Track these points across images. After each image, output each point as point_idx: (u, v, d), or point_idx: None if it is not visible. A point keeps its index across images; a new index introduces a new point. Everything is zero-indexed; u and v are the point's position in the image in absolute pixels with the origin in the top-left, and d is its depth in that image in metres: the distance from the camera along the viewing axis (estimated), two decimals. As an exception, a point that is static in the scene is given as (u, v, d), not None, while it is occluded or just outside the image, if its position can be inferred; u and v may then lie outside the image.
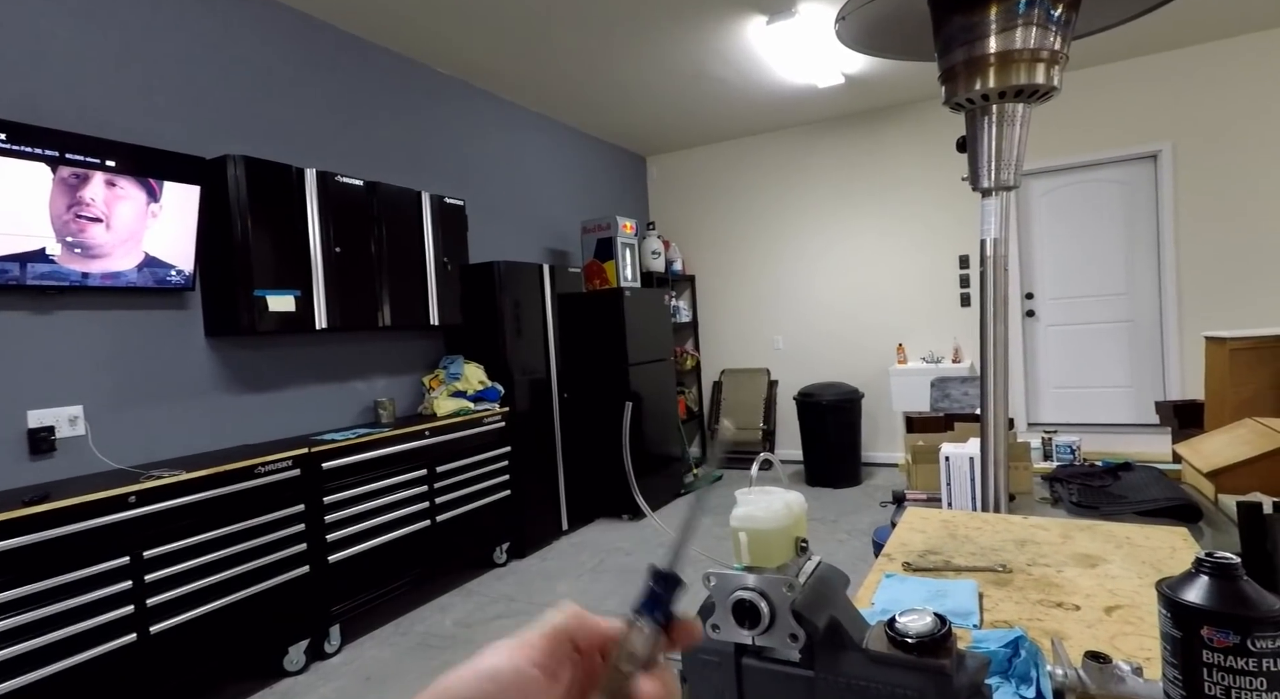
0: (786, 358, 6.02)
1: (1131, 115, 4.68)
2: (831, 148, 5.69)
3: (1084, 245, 4.96)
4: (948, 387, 4.37)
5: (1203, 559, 0.52)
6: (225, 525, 2.44)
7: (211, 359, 2.91)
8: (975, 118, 1.46)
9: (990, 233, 1.47)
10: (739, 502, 0.57)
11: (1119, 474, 2.15)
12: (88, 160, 2.33)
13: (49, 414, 2.40)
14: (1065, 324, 5.05)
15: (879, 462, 5.65)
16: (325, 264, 3.07)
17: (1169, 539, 1.12)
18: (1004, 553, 1.10)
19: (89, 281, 2.39)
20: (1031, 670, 0.68)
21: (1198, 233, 4.56)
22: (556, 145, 5.30)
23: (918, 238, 5.40)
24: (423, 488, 3.29)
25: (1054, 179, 4.99)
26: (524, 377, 4.07)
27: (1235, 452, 1.92)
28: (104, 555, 2.11)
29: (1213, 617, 0.50)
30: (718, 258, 6.27)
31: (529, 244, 4.96)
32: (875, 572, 1.06)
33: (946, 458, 1.95)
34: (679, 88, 4.74)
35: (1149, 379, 4.83)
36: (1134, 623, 0.84)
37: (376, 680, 2.61)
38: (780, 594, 0.53)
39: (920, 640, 0.51)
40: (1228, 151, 4.45)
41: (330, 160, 3.45)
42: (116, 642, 2.12)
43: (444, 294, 3.72)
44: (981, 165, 1.47)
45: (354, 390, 3.55)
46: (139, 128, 2.68)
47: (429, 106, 4.12)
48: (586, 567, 3.73)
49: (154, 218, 2.56)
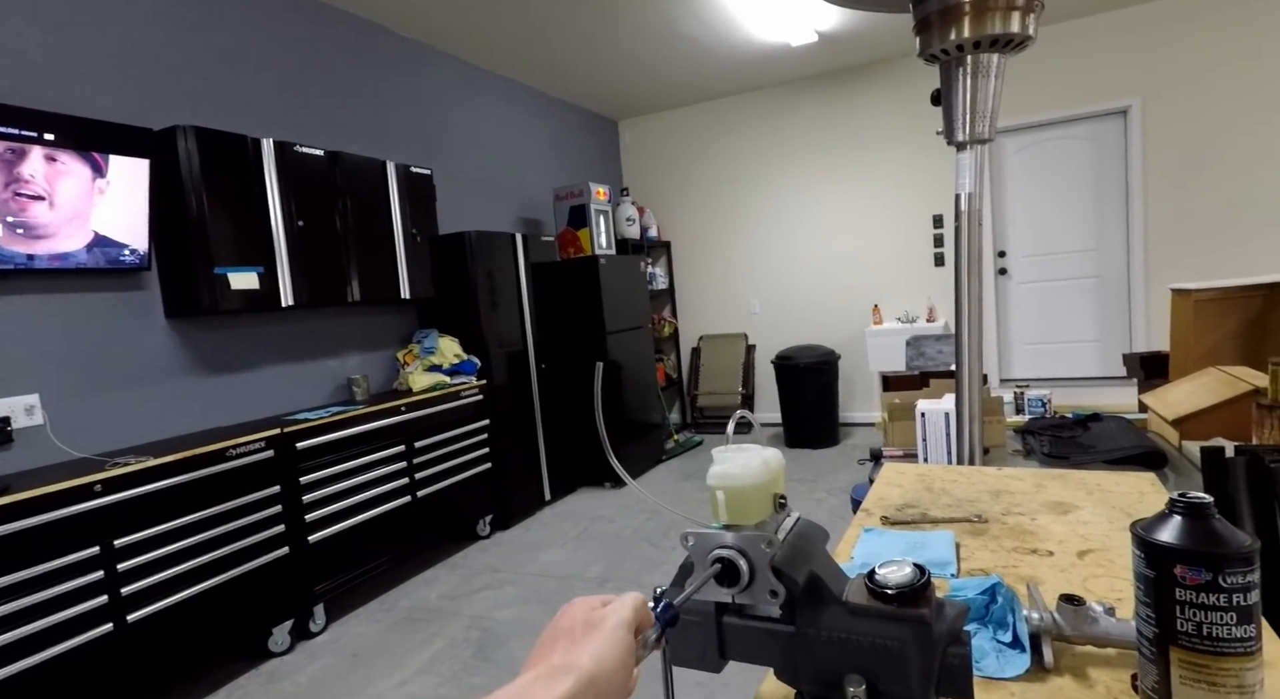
0: (764, 322, 6.04)
1: (1102, 70, 4.69)
2: (805, 109, 5.63)
3: (1055, 203, 5.00)
4: (923, 345, 4.42)
5: (1176, 500, 0.52)
6: (198, 510, 2.39)
7: (174, 341, 2.83)
8: (950, 70, 1.44)
9: (965, 187, 1.46)
10: (715, 460, 0.56)
11: (1088, 425, 2.20)
12: (23, 134, 2.21)
13: (3, 404, 2.31)
14: (1036, 281, 5.12)
15: (856, 421, 5.73)
16: (288, 238, 2.98)
17: (1138, 485, 1.14)
18: (979, 504, 1.11)
19: (35, 264, 2.29)
20: (1008, 616, 0.69)
21: (1166, 188, 4.62)
22: (525, 110, 5.18)
23: (892, 198, 5.40)
24: (401, 464, 3.26)
25: (1026, 136, 5.00)
26: (500, 348, 4.03)
27: (1199, 400, 1.97)
28: (72, 546, 2.06)
29: (1185, 555, 0.50)
30: (693, 223, 6.23)
31: (500, 213, 4.87)
32: (854, 527, 1.06)
33: (922, 414, 1.97)
34: (650, 47, 4.64)
35: (1116, 333, 4.93)
36: (1105, 566, 0.85)
37: (364, 657, 2.62)
38: (759, 551, 0.53)
39: (900, 591, 0.51)
40: (1197, 105, 4.49)
41: (287, 130, 3.33)
42: (93, 632, 2.09)
43: (414, 267, 3.64)
44: (956, 118, 1.45)
45: (326, 368, 3.49)
46: (77, 98, 2.55)
47: (389, 72, 3.99)
48: (570, 535, 3.75)
49: (101, 194, 2.45)
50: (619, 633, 0.47)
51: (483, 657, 2.52)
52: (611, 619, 0.48)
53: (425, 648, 2.64)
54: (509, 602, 2.97)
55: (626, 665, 0.46)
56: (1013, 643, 0.67)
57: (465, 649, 2.59)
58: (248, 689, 2.46)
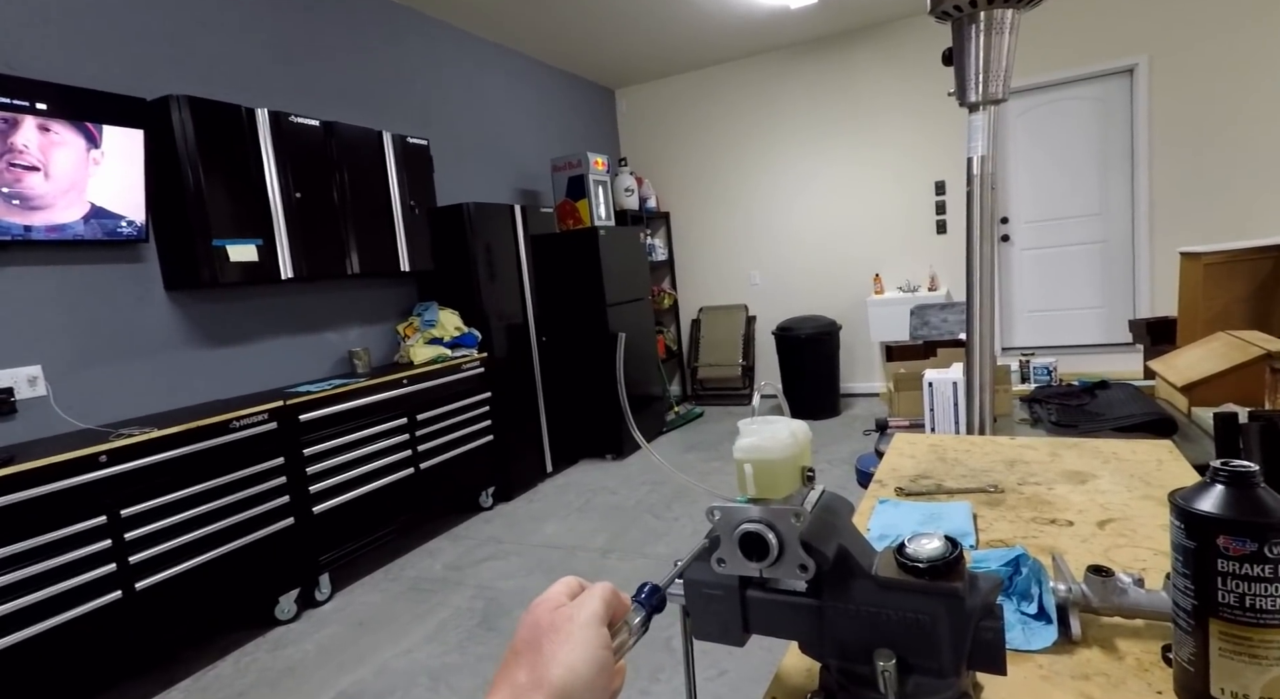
0: (764, 293, 6.00)
1: (1107, 28, 4.58)
2: (805, 74, 5.52)
3: (1059, 167, 4.93)
4: (926, 314, 4.40)
5: (1219, 468, 0.51)
6: (203, 481, 2.40)
7: (174, 313, 2.80)
8: (962, 27, 1.39)
9: (978, 150, 1.42)
10: (742, 432, 0.54)
11: (1095, 393, 2.19)
12: (15, 103, 2.16)
13: (5, 375, 2.30)
14: (1039, 247, 5.08)
15: (857, 392, 5.73)
16: (286, 210, 2.94)
17: (1155, 452, 1.13)
18: (994, 474, 1.10)
19: (32, 235, 2.26)
20: (1033, 587, 0.68)
21: (1172, 149, 4.55)
22: (522, 79, 5.07)
23: (893, 165, 5.32)
24: (404, 436, 3.26)
25: (1030, 99, 4.91)
26: (500, 321, 4.00)
27: (1209, 365, 1.95)
28: (78, 516, 2.07)
29: (1229, 525, 0.49)
30: (692, 194, 6.15)
31: (498, 184, 4.81)
32: (869, 498, 1.05)
33: (930, 384, 1.95)
34: (647, 11, 4.53)
35: (1121, 299, 4.90)
36: (1127, 535, 0.84)
37: (369, 625, 2.64)
38: (788, 525, 0.51)
39: (932, 564, 0.50)
40: (1205, 63, 4.39)
41: (281, 99, 3.26)
42: (102, 600, 2.11)
43: (413, 239, 3.60)
44: (969, 78, 1.41)
45: (327, 341, 3.47)
46: (68, 66, 2.49)
47: (383, 39, 3.89)
48: (573, 506, 3.77)
49: (96, 165, 2.40)
50: (589, 631, 0.42)
51: (487, 626, 2.55)
52: (579, 617, 0.43)
53: (430, 617, 2.66)
54: (513, 572, 3.00)
55: (604, 665, 0.42)
56: (1038, 615, 0.66)
57: (470, 618, 2.62)
58: (255, 656, 2.49)
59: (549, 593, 0.46)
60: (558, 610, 0.44)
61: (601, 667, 0.41)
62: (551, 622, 0.43)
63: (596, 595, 0.45)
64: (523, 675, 0.40)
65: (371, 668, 2.34)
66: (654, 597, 0.48)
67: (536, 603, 0.45)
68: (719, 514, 0.54)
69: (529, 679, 0.40)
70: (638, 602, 0.48)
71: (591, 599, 0.44)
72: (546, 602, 0.45)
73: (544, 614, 0.44)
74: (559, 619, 0.43)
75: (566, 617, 0.43)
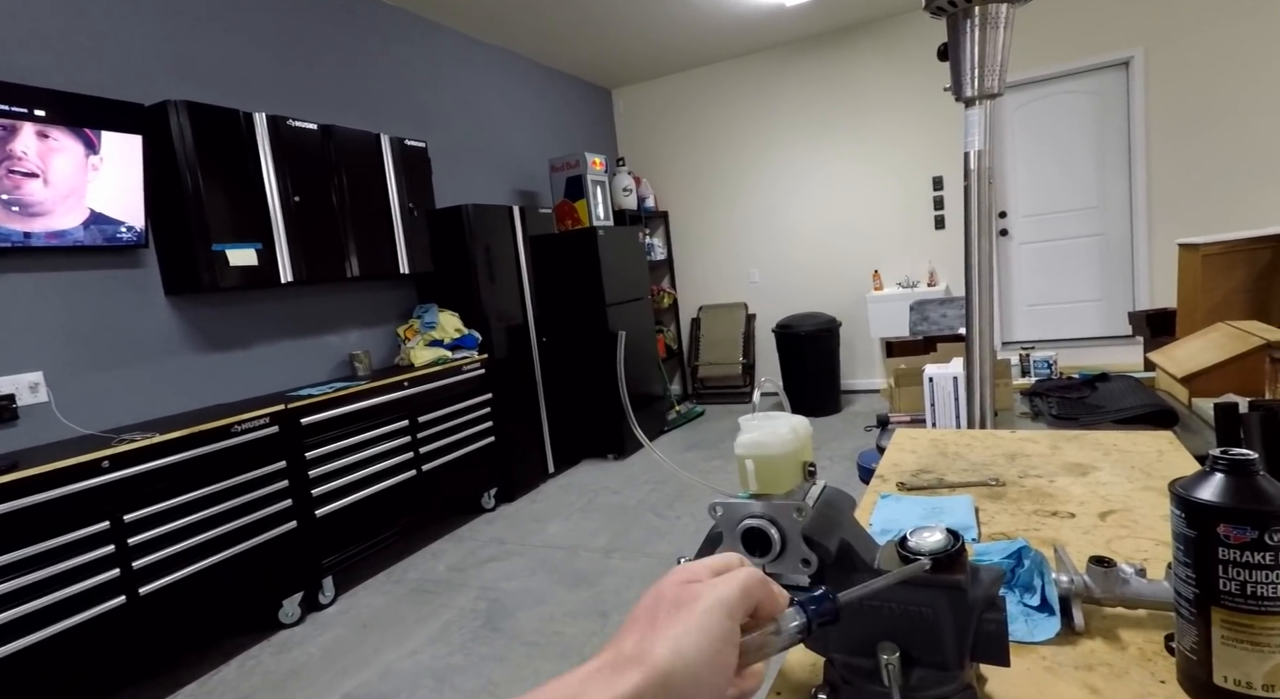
0: (763, 291, 6.00)
1: (1102, 20, 4.58)
2: (801, 71, 5.52)
3: (1056, 160, 4.93)
4: (926, 309, 4.40)
5: (1218, 456, 0.51)
6: (206, 486, 2.40)
7: (174, 318, 2.81)
8: (957, 22, 1.40)
9: (974, 144, 1.43)
10: (743, 428, 0.54)
11: (1096, 385, 2.18)
12: (13, 110, 2.16)
13: (7, 381, 2.30)
14: (1037, 241, 5.08)
15: (858, 389, 5.73)
16: (285, 214, 2.94)
17: (1155, 443, 1.13)
18: (995, 467, 1.10)
19: (32, 242, 2.26)
20: (1035, 579, 0.68)
21: (1169, 140, 4.55)
22: (518, 80, 5.07)
23: (891, 161, 5.32)
24: (405, 438, 3.27)
25: (1026, 93, 4.91)
26: (501, 322, 4.00)
27: (1208, 356, 1.95)
28: (82, 521, 2.07)
29: (1229, 513, 0.49)
30: (690, 193, 6.15)
31: (496, 186, 4.81)
32: (870, 493, 1.05)
33: (930, 379, 1.96)
34: (642, 10, 4.53)
35: (1120, 291, 4.90)
36: (1129, 526, 0.84)
37: (374, 627, 2.64)
38: (790, 519, 0.51)
39: (934, 557, 0.50)
40: (1201, 55, 4.39)
41: (278, 103, 3.26)
42: (106, 605, 2.11)
43: (412, 241, 3.60)
44: (964, 73, 1.41)
45: (327, 344, 3.47)
46: (66, 73, 2.49)
47: (379, 42, 3.89)
48: (575, 507, 3.77)
49: (95, 171, 2.40)
50: (712, 618, 0.36)
51: (492, 627, 2.55)
52: (705, 599, 0.37)
53: (434, 618, 2.66)
54: (516, 572, 3.00)
55: (722, 662, 0.36)
56: (1040, 606, 0.66)
57: (474, 619, 2.62)
58: (260, 659, 2.49)
59: (694, 564, 0.41)
60: (687, 586, 0.39)
61: (717, 662, 0.36)
62: (676, 596, 0.38)
63: (737, 581, 0.39)
64: (629, 645, 0.36)
65: (376, 670, 2.35)
66: (822, 605, 0.40)
67: (673, 571, 0.40)
68: (721, 510, 0.54)
69: (633, 650, 0.35)
70: (798, 604, 0.41)
71: (729, 584, 0.38)
72: (681, 572, 0.40)
73: (670, 586, 0.39)
74: (685, 595, 0.38)
75: (694, 595, 0.38)
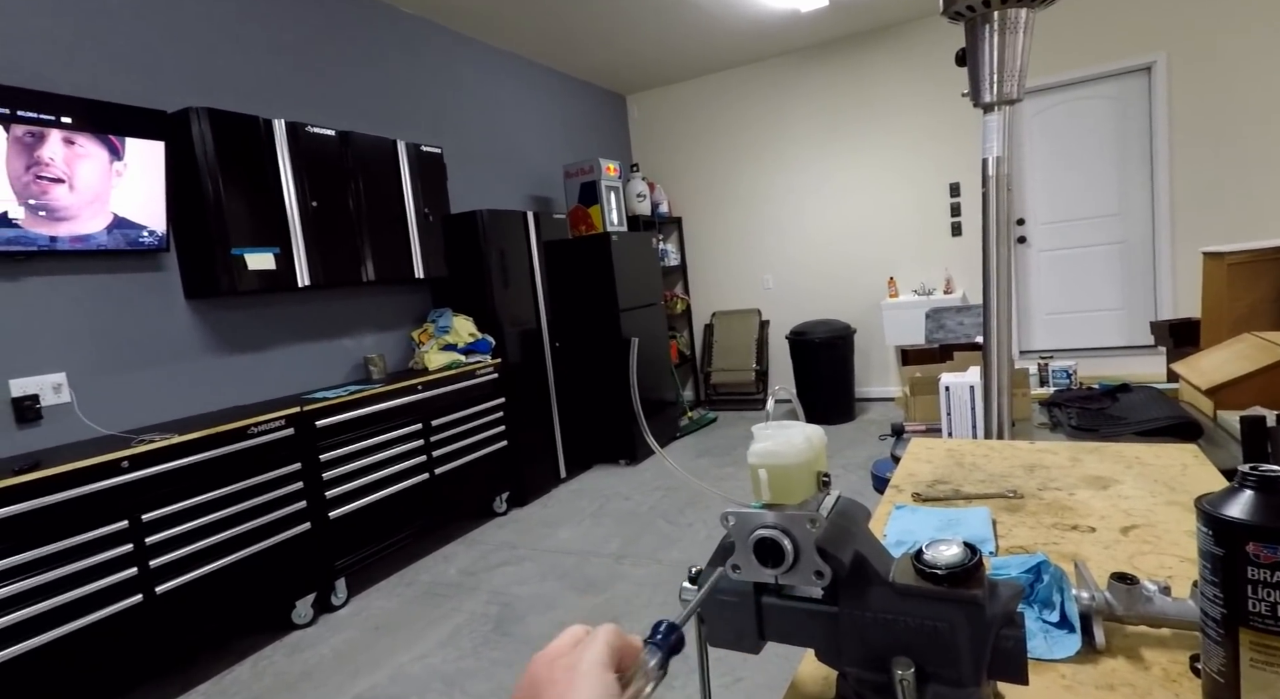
0: (777, 297, 5.98)
1: (1124, 25, 4.53)
2: (816, 77, 5.51)
3: (1075, 167, 4.87)
4: (942, 317, 4.36)
5: (1247, 473, 0.50)
6: (222, 486, 2.43)
7: (194, 321, 2.84)
8: (976, 27, 1.38)
9: (993, 151, 1.41)
10: (757, 437, 0.53)
11: (1117, 396, 2.15)
12: (41, 117, 2.20)
13: (32, 382, 2.34)
14: (1056, 249, 5.02)
15: (872, 397, 5.68)
16: (303, 219, 2.97)
17: (1179, 457, 1.10)
18: (1013, 479, 1.08)
19: (58, 246, 2.30)
20: (1054, 595, 0.67)
21: (1192, 147, 4.48)
22: (533, 86, 5.10)
23: (907, 168, 5.29)
24: (419, 441, 3.28)
25: (1045, 98, 4.86)
26: (514, 327, 4.02)
27: (1235, 367, 1.91)
28: (101, 520, 2.10)
29: (1259, 531, 0.47)
30: (704, 198, 6.15)
31: (511, 191, 4.83)
32: (885, 504, 1.04)
33: (946, 388, 1.93)
34: (657, 17, 4.54)
35: (1141, 300, 4.82)
36: (1151, 542, 0.82)
37: (386, 630, 2.65)
38: (804, 531, 0.50)
39: (951, 571, 0.49)
40: (1224, 60, 4.33)
41: (297, 110, 3.30)
42: (123, 603, 2.14)
43: (427, 246, 3.62)
44: (983, 78, 1.40)
45: (342, 347, 3.50)
46: (92, 81, 2.54)
47: (396, 50, 3.93)
48: (587, 512, 3.77)
49: (119, 176, 2.44)
50: (592, 677, 0.38)
51: (502, 631, 2.55)
52: (579, 666, 0.39)
53: (445, 622, 2.66)
54: (527, 577, 3.00)
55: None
56: (1060, 623, 0.65)
57: (485, 624, 2.62)
58: (272, 660, 2.50)
59: (550, 646, 0.43)
60: (556, 662, 0.40)
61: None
62: (550, 675, 0.39)
63: (599, 640, 0.41)
64: None
65: (387, 673, 2.35)
66: (670, 636, 0.44)
67: (536, 657, 0.42)
68: (734, 519, 0.53)
69: None
70: (652, 643, 0.43)
71: (593, 645, 0.40)
72: (546, 655, 0.42)
73: (542, 668, 0.40)
74: (557, 671, 0.39)
75: (566, 667, 0.39)
